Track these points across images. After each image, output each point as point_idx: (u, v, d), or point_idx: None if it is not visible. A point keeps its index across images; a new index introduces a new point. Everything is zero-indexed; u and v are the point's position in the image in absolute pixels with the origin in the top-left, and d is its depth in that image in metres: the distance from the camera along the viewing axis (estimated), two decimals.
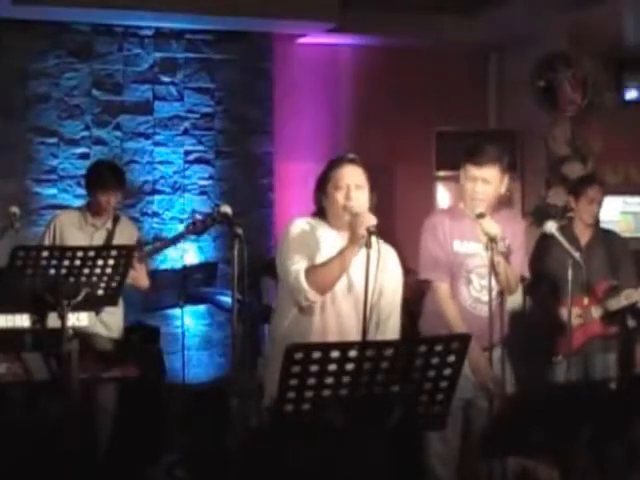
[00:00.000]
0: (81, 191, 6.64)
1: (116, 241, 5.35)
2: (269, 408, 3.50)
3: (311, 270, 3.57)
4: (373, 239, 3.45)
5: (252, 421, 4.68)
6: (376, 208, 3.67)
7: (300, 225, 3.72)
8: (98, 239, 5.37)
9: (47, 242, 5.32)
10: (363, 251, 3.47)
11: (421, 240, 4.39)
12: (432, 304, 4.42)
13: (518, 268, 4.38)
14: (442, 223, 4.35)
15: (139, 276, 5.26)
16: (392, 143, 7.92)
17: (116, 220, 5.48)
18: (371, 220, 3.48)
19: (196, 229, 5.48)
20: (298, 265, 3.59)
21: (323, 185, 3.74)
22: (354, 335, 3.60)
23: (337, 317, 3.68)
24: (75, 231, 5.37)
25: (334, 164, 3.76)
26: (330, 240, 3.69)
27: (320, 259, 3.63)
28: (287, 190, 7.75)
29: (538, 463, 4.31)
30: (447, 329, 4.19)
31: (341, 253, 3.55)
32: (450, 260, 4.32)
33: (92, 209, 5.43)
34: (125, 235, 5.46)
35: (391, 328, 3.73)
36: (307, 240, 3.67)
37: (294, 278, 3.57)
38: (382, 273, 3.60)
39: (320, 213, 3.77)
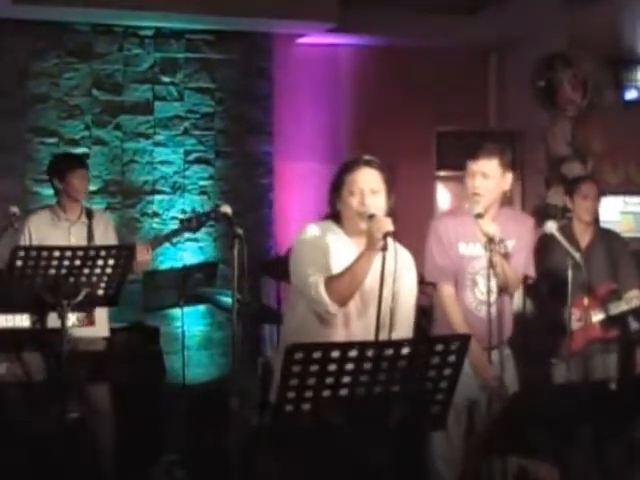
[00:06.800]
0: None
1: (97, 234, 5.32)
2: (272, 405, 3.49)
3: (329, 281, 3.45)
4: (390, 243, 3.37)
5: (252, 421, 4.68)
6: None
7: (313, 232, 3.60)
8: (76, 233, 5.30)
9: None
10: (379, 257, 3.37)
11: (426, 244, 4.38)
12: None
13: (522, 267, 4.36)
14: (446, 226, 4.33)
15: (147, 261, 5.29)
16: (392, 143, 7.90)
17: (90, 213, 5.42)
18: (388, 225, 3.38)
19: (191, 225, 5.48)
20: (315, 277, 3.47)
21: (337, 188, 3.60)
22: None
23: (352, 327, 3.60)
24: (49, 230, 5.28)
25: (349, 167, 3.61)
26: (341, 246, 3.58)
27: (333, 265, 3.53)
28: (287, 190, 7.75)
29: (538, 463, 4.30)
30: (454, 332, 4.17)
31: (358, 260, 3.44)
32: (455, 263, 4.31)
33: (64, 202, 5.35)
34: (102, 227, 5.41)
35: (405, 331, 3.63)
36: (320, 247, 3.56)
37: (314, 291, 3.45)
38: (399, 277, 3.52)
39: (334, 217, 3.64)
